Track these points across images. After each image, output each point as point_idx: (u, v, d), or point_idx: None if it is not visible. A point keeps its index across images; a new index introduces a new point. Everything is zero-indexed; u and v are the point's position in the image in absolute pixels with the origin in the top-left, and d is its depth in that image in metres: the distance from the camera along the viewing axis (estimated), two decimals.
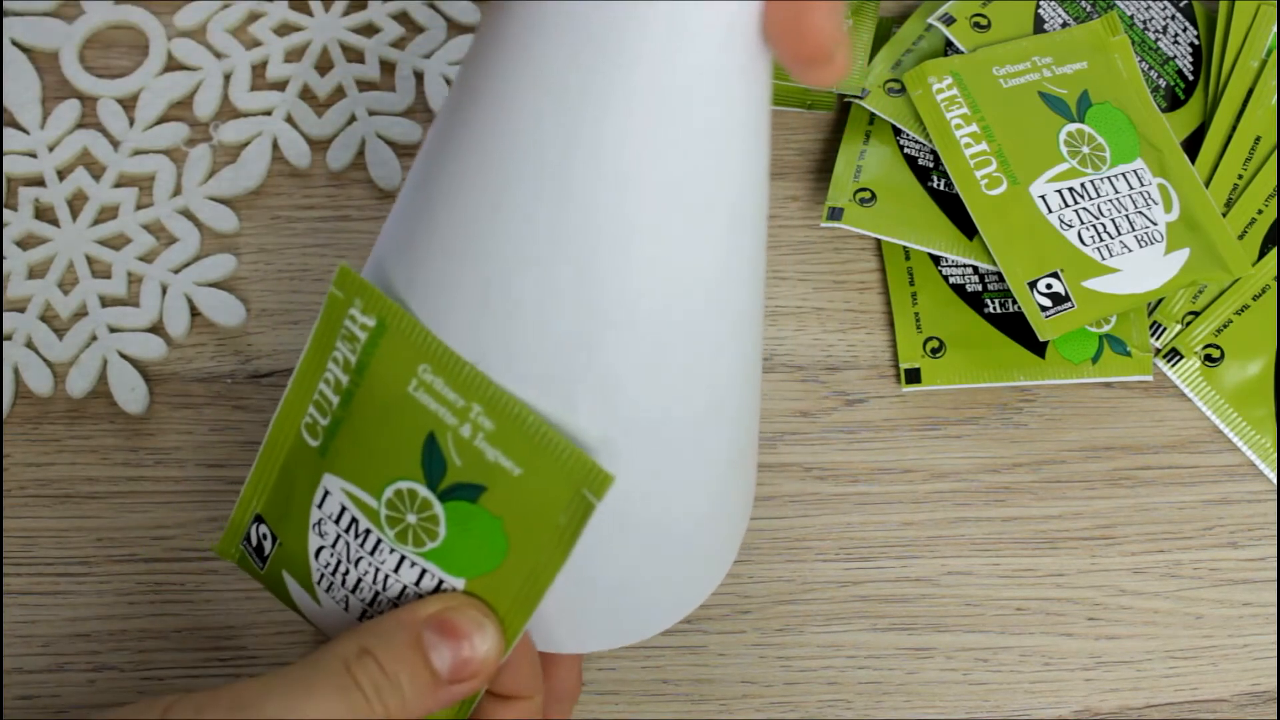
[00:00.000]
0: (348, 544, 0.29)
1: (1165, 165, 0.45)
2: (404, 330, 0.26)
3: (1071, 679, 0.41)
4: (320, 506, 0.29)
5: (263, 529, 0.31)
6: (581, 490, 0.25)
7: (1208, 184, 0.46)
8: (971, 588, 0.42)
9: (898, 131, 0.46)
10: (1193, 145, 0.48)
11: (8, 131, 0.44)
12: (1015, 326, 0.44)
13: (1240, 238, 0.46)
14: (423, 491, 0.27)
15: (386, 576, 0.28)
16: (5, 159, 0.44)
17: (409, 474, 0.27)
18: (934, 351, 0.44)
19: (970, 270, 0.45)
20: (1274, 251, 0.46)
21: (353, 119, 0.46)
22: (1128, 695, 0.41)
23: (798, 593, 0.41)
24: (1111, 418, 0.44)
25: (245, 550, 0.32)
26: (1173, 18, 0.49)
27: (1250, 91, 0.48)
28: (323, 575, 0.30)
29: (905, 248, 0.46)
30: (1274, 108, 0.48)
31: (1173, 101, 0.48)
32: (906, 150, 0.46)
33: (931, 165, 0.46)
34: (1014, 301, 0.45)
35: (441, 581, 0.28)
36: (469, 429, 0.26)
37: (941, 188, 0.45)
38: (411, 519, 0.27)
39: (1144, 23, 0.49)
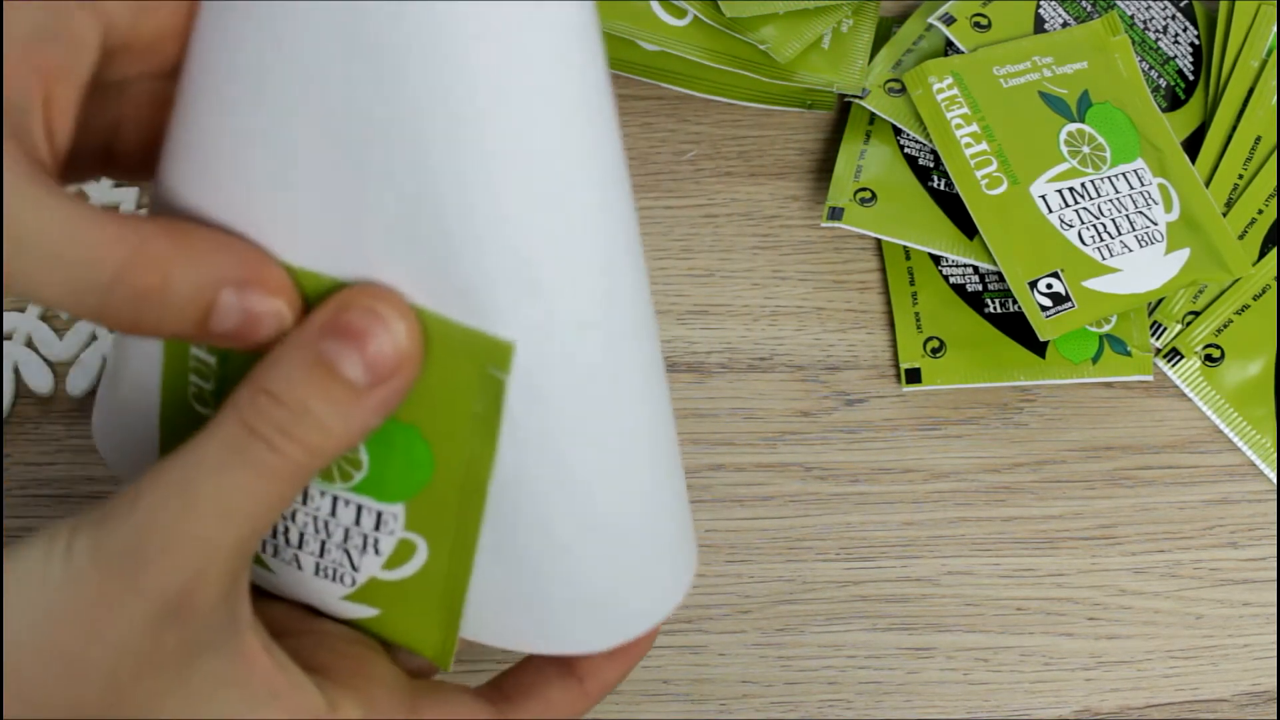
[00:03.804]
0: None
1: (1165, 165, 0.45)
2: None
3: (1071, 679, 0.41)
4: None
5: None
6: (485, 369, 0.24)
7: (1208, 184, 0.46)
8: (971, 588, 0.42)
9: (898, 131, 0.46)
10: (1193, 145, 0.48)
11: None
12: (1015, 326, 0.44)
13: (1240, 238, 0.46)
14: None
15: (326, 523, 0.27)
16: None
17: None
18: (934, 351, 0.44)
19: (970, 270, 0.45)
20: (1274, 251, 0.46)
21: None
22: (1128, 695, 0.41)
23: (798, 593, 0.41)
24: (1111, 418, 0.44)
25: None
26: (1173, 17, 0.49)
27: (1250, 91, 0.48)
28: (265, 542, 0.29)
29: (905, 247, 0.46)
30: (1274, 108, 0.48)
31: (1173, 101, 0.48)
32: (907, 150, 0.46)
33: (932, 165, 0.46)
34: (1014, 301, 0.45)
35: (380, 513, 0.27)
36: None
37: (942, 188, 0.45)
38: None
39: (1144, 22, 0.49)
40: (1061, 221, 0.43)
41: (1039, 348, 0.44)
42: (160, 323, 0.23)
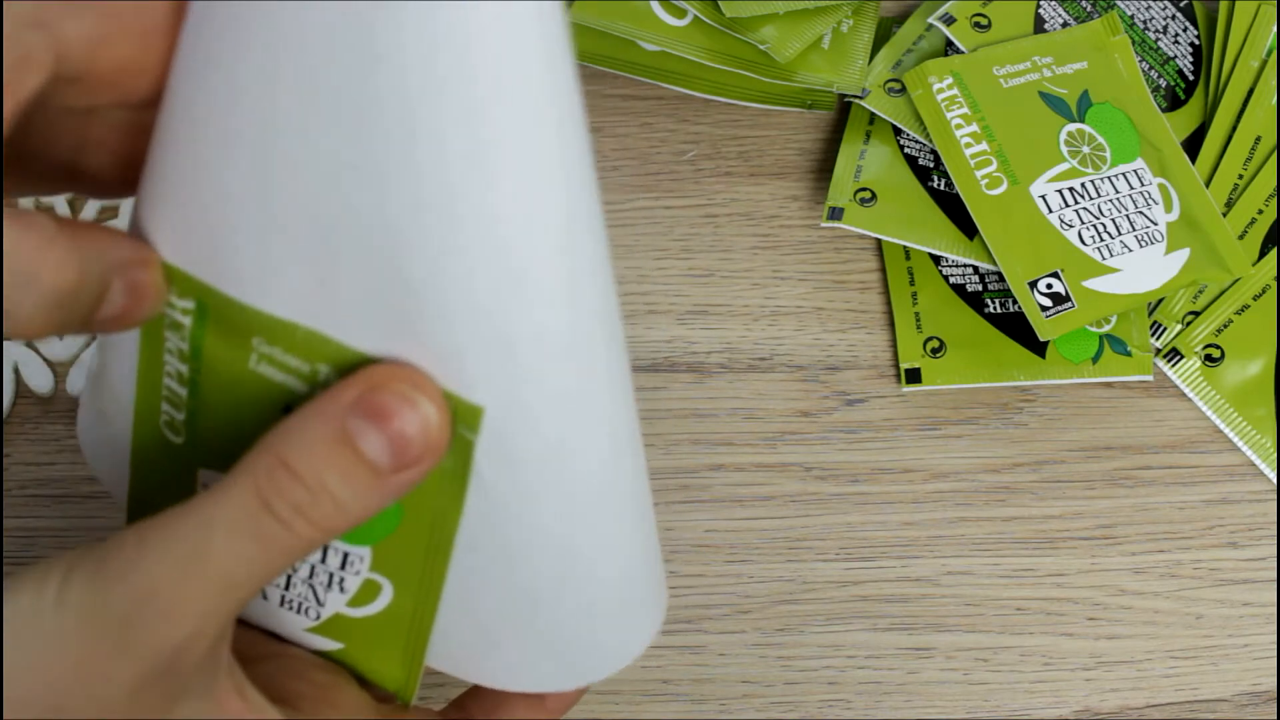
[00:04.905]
0: None
1: (1165, 165, 0.45)
2: (225, 307, 0.24)
3: (1071, 679, 0.41)
4: None
5: None
6: (457, 428, 0.24)
7: (1208, 184, 0.46)
8: (971, 588, 0.42)
9: (898, 131, 0.46)
10: (1193, 145, 0.48)
11: None
12: (1015, 326, 0.44)
13: (1240, 238, 0.46)
14: None
15: None
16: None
17: None
18: (934, 351, 0.44)
19: (970, 270, 0.45)
20: (1274, 251, 0.46)
21: None
22: (1128, 695, 0.41)
23: (798, 593, 0.41)
24: (1111, 418, 0.44)
25: None
26: (1173, 17, 0.49)
27: (1250, 91, 0.48)
28: None
29: (905, 247, 0.46)
30: (1274, 108, 0.48)
31: (1173, 101, 0.48)
32: (907, 150, 0.46)
33: (932, 165, 0.46)
34: (1014, 301, 0.45)
35: (347, 554, 0.27)
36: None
37: (942, 188, 0.45)
38: None
39: (1144, 22, 0.49)
40: (1061, 221, 0.43)
41: (1039, 348, 0.44)
42: (64, 324, 0.23)
